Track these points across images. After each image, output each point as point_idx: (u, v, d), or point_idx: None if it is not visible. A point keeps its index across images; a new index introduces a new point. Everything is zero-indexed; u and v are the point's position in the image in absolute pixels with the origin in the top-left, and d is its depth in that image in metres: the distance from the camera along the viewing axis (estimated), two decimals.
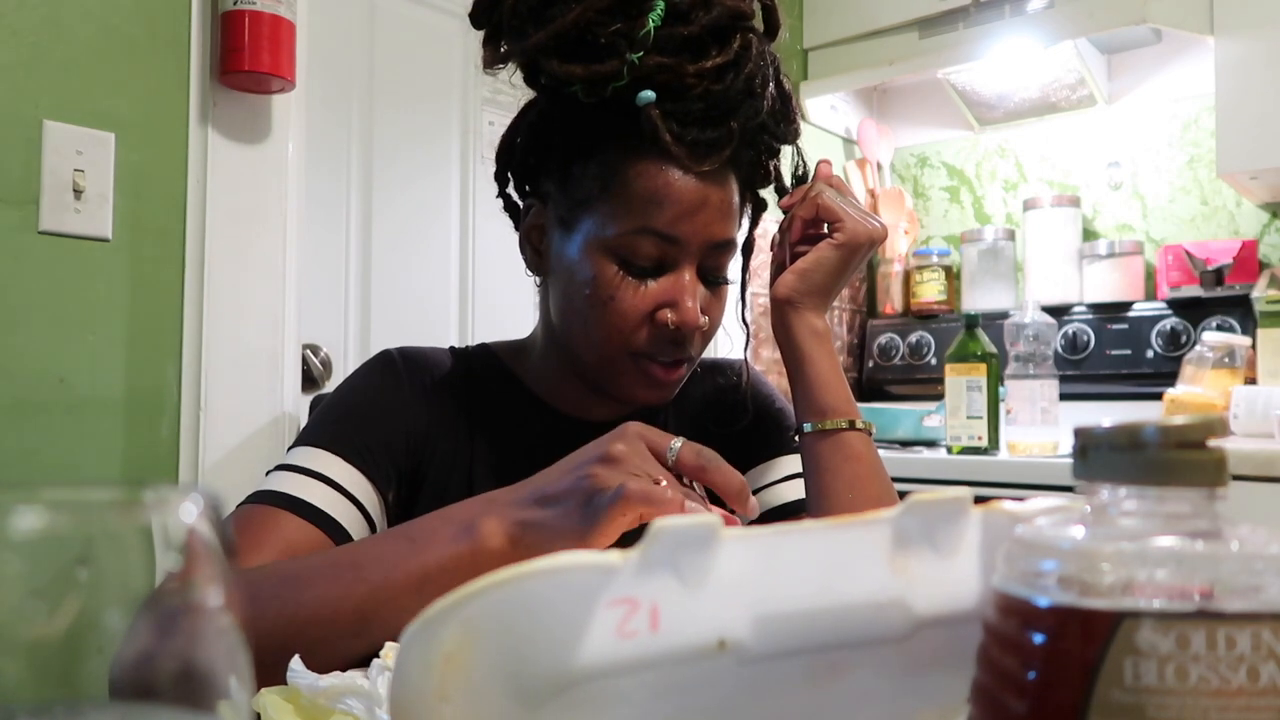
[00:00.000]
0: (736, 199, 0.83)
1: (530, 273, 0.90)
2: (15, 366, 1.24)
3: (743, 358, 0.96)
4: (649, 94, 0.76)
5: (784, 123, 0.84)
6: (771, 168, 0.88)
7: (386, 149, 1.83)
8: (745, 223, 0.90)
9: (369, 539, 0.73)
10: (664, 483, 0.62)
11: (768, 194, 0.92)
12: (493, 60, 0.81)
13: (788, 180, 0.91)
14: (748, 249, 0.93)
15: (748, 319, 0.93)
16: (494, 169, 0.91)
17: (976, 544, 0.36)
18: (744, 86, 0.78)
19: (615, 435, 0.65)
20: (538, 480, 0.67)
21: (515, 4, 0.78)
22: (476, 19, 0.82)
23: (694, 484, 0.66)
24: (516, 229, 0.91)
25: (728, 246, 0.83)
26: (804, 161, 0.91)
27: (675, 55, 0.76)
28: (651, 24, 0.75)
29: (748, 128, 0.80)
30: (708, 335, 0.86)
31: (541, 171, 0.87)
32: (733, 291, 0.94)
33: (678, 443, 0.66)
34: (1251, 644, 0.27)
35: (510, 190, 0.91)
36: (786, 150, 0.90)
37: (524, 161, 0.88)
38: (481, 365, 0.93)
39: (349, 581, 0.65)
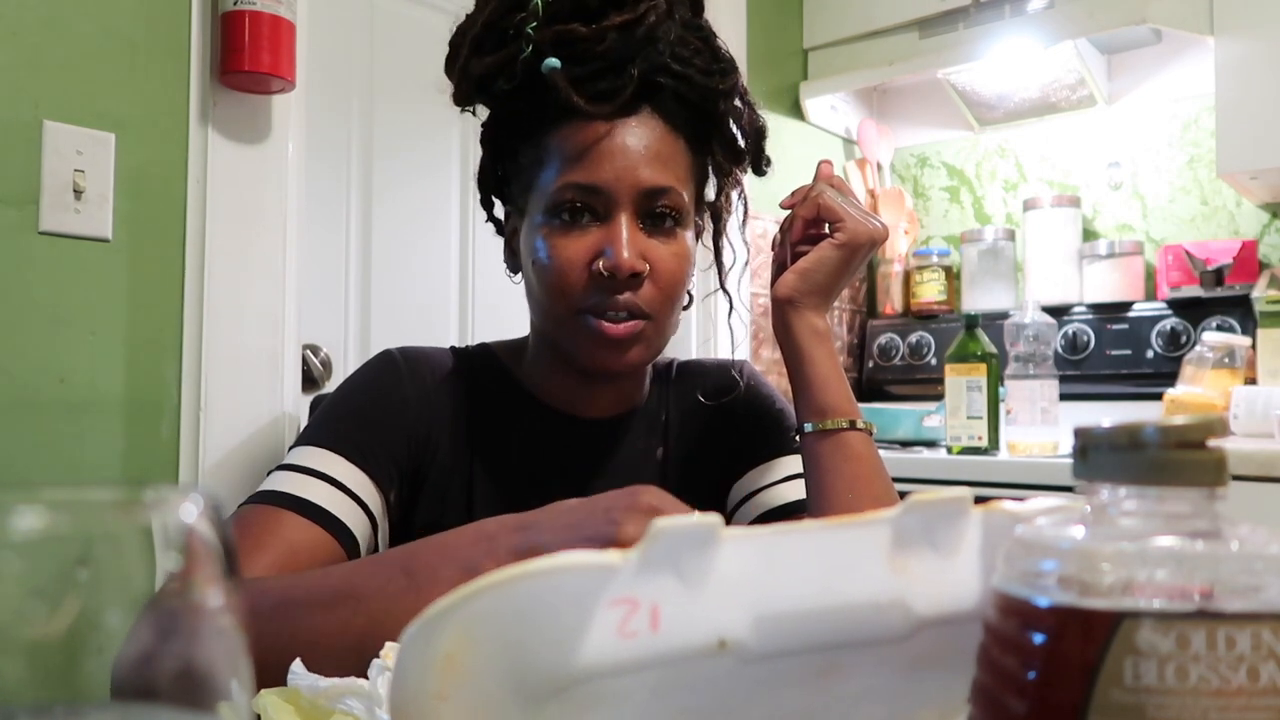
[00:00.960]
0: (668, 148, 0.84)
1: (509, 273, 0.93)
2: (15, 366, 1.24)
3: (728, 328, 0.96)
4: (553, 61, 0.80)
5: (715, 74, 0.86)
6: (730, 129, 0.88)
7: (386, 149, 1.83)
8: (705, 190, 0.92)
9: (366, 564, 0.70)
10: None
11: (754, 183, 0.93)
12: (455, 95, 0.85)
13: (743, 138, 0.90)
14: (716, 214, 0.93)
15: (727, 285, 0.94)
16: (479, 196, 0.94)
17: (977, 544, 0.36)
18: (644, 35, 0.81)
19: (628, 504, 0.60)
20: (541, 522, 0.62)
21: (459, 39, 0.84)
22: (449, 71, 0.86)
23: None
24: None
25: (663, 193, 0.83)
26: (757, 115, 0.90)
27: (569, 21, 0.80)
28: None
29: (658, 69, 0.82)
30: (663, 288, 0.83)
31: (508, 175, 0.90)
32: (736, 293, 0.95)
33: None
34: (1251, 644, 0.27)
35: (498, 213, 0.94)
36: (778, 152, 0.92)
37: (494, 171, 0.92)
38: (481, 365, 0.93)
39: (348, 613, 0.63)
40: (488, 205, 0.94)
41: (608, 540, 0.57)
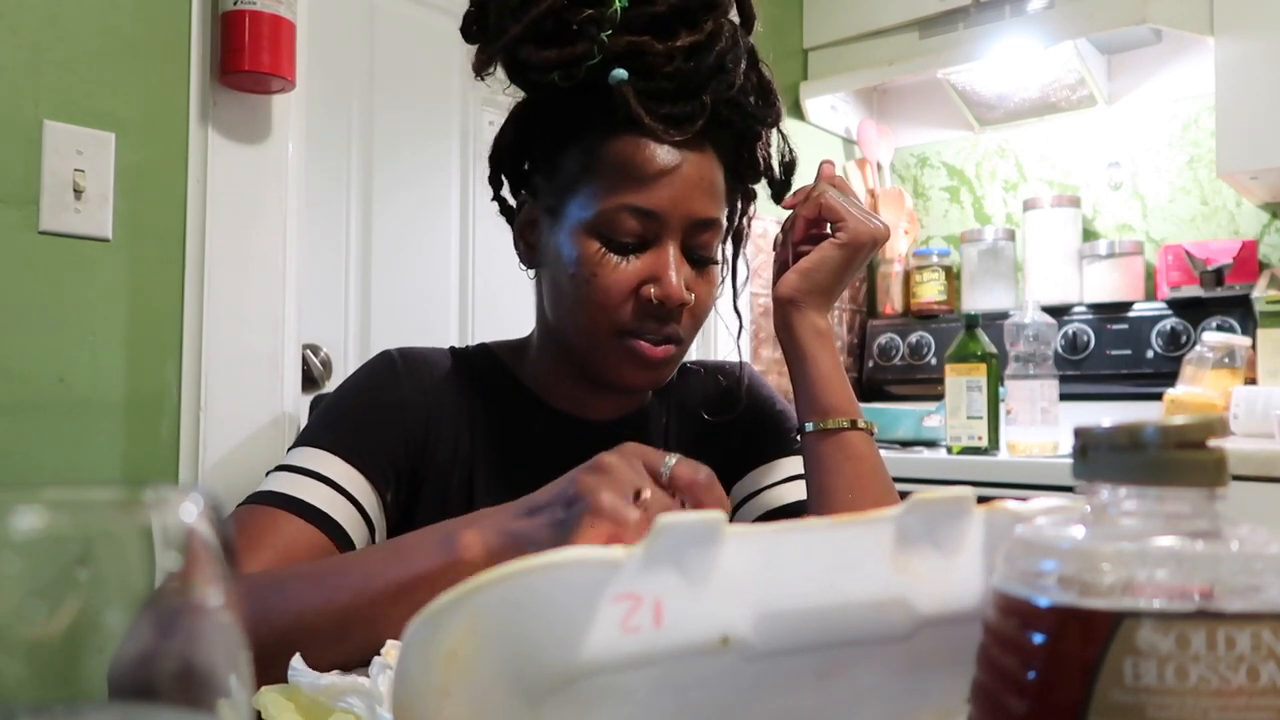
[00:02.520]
0: (718, 178, 0.84)
1: (523, 267, 0.92)
2: (15, 366, 1.24)
3: (736, 348, 0.96)
4: (621, 72, 0.78)
5: (763, 105, 0.85)
6: (760, 157, 0.88)
7: (386, 149, 1.83)
8: (730, 209, 0.90)
9: (362, 549, 0.73)
10: (646, 496, 0.60)
11: (761, 188, 0.93)
12: (481, 64, 0.82)
13: (776, 169, 0.90)
14: (737, 237, 0.93)
15: (739, 307, 0.93)
16: (488, 173, 0.92)
17: (979, 543, 0.36)
18: (715, 63, 0.79)
19: (612, 450, 0.64)
20: (534, 494, 0.66)
21: (498, 7, 0.81)
22: (467, 32, 0.84)
23: (685, 501, 0.64)
24: (512, 227, 0.92)
25: (711, 225, 0.83)
26: (790, 148, 0.91)
27: (643, 34, 0.78)
28: (619, 4, 0.78)
29: (721, 101, 0.82)
30: (697, 316, 0.85)
31: (531, 166, 0.88)
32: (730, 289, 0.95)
33: (673, 459, 0.64)
34: (1251, 644, 0.27)
35: (505, 194, 0.92)
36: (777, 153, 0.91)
37: (514, 159, 0.90)
38: (481, 365, 0.93)
39: (332, 589, 0.65)
40: (496, 184, 0.92)
41: (572, 495, 0.62)
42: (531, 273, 0.91)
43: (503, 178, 0.92)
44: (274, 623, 0.63)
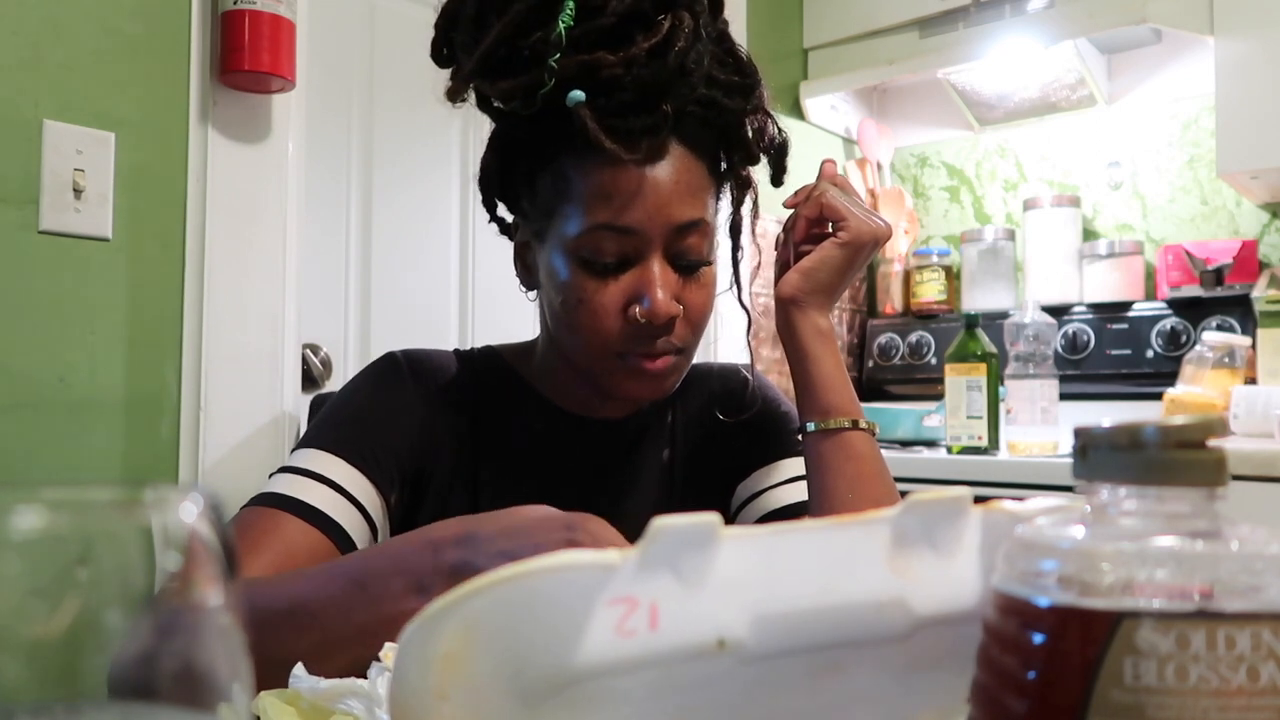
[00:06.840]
0: (697, 177, 0.82)
1: (523, 288, 0.91)
2: (15, 366, 1.24)
3: (746, 342, 0.95)
4: (578, 94, 0.75)
5: (738, 93, 0.83)
6: (752, 139, 0.86)
7: (386, 149, 1.83)
8: (721, 203, 0.89)
9: (319, 574, 0.68)
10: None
11: (763, 180, 0.92)
12: (452, 93, 0.81)
13: (768, 150, 0.87)
14: (735, 230, 0.91)
15: (745, 302, 0.92)
16: (481, 197, 0.91)
17: (976, 543, 0.36)
18: (676, 65, 0.77)
19: (577, 525, 0.60)
20: (479, 537, 0.61)
21: (460, 37, 0.79)
22: (437, 58, 0.83)
23: None
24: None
25: (694, 228, 0.81)
26: (780, 129, 0.88)
27: (594, 50, 0.75)
28: (562, 25, 0.75)
29: (688, 103, 0.79)
30: (694, 323, 0.83)
31: (517, 190, 0.87)
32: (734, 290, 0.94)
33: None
34: (1251, 644, 0.27)
35: (503, 213, 0.91)
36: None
37: (501, 183, 0.89)
38: (486, 367, 0.93)
39: (304, 629, 0.62)
40: (490, 207, 0.91)
41: None
42: (533, 294, 0.91)
43: (495, 200, 0.90)
44: (252, 660, 0.60)
